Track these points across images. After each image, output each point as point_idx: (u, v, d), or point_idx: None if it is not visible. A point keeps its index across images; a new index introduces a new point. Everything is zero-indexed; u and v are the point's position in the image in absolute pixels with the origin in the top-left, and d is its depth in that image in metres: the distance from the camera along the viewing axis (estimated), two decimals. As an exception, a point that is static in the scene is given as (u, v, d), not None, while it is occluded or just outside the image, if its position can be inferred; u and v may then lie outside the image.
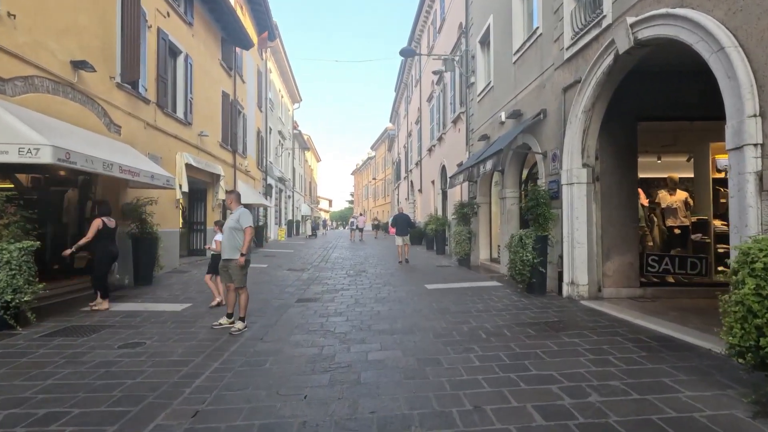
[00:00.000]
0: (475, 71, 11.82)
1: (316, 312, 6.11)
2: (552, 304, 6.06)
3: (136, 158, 7.85)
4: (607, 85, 5.79)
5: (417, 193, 23.78)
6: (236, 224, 5.20)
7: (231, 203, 5.50)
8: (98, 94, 7.57)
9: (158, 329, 5.18)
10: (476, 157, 9.82)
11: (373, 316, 5.72)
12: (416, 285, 8.35)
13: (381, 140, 47.40)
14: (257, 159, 20.40)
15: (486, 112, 10.93)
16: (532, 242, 6.67)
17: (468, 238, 11.32)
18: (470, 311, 5.85)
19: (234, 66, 15.86)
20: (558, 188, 6.87)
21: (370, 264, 12.41)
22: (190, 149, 11.61)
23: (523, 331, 4.75)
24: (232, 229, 5.22)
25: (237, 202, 5.48)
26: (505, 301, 6.40)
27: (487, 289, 7.63)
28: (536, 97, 7.79)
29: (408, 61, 25.51)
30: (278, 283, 8.92)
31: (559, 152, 6.81)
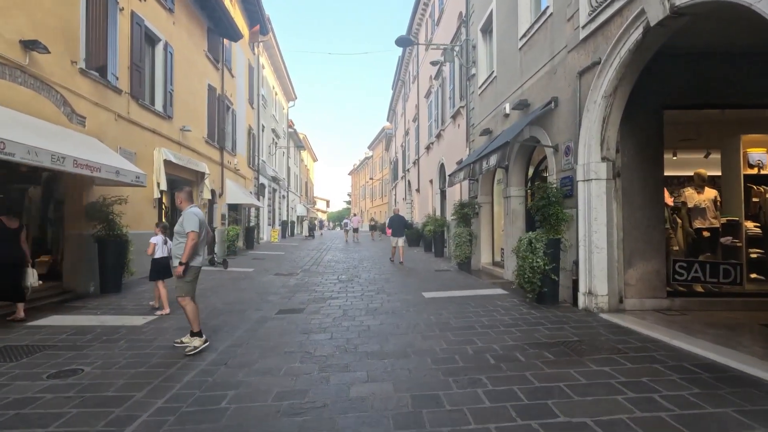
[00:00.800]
0: (476, 62, 11.05)
1: (297, 327, 5.32)
2: (568, 318, 5.27)
3: (101, 152, 7.03)
4: (633, 65, 5.01)
5: (415, 192, 23.01)
6: (180, 227, 4.44)
7: (181, 202, 4.70)
8: (57, 80, 6.76)
9: (106, 351, 4.37)
10: (478, 152, 9.04)
11: (361, 333, 4.93)
12: (412, 293, 7.55)
13: (378, 140, 46.64)
14: (248, 157, 19.58)
15: (488, 104, 10.16)
16: (543, 246, 5.89)
17: (468, 240, 10.53)
18: (474, 327, 5.06)
19: (222, 59, 15.06)
20: (572, 185, 6.09)
21: (363, 268, 11.62)
22: (170, 145, 10.79)
23: (539, 354, 3.96)
24: (178, 233, 4.46)
25: (188, 201, 4.70)
26: (513, 314, 5.62)
27: (491, 298, 6.84)
28: (546, 84, 7.02)
29: (405, 58, 24.75)
30: (261, 291, 8.12)
31: (574, 145, 6.04)
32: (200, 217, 4.50)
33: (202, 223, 4.50)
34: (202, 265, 4.62)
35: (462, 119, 12.81)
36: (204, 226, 4.58)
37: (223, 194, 15.41)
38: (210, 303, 6.92)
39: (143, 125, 9.50)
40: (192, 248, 4.36)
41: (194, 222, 4.40)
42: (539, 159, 8.53)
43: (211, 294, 7.68)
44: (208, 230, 4.79)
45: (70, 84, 7.07)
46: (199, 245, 4.51)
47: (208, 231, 4.76)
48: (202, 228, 4.52)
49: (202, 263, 4.59)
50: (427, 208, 19.02)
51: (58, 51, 6.79)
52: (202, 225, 4.52)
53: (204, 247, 4.65)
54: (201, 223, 4.48)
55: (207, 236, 4.70)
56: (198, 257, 4.52)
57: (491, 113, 9.85)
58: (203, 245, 4.61)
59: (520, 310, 5.85)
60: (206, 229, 4.67)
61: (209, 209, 14.07)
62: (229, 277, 9.87)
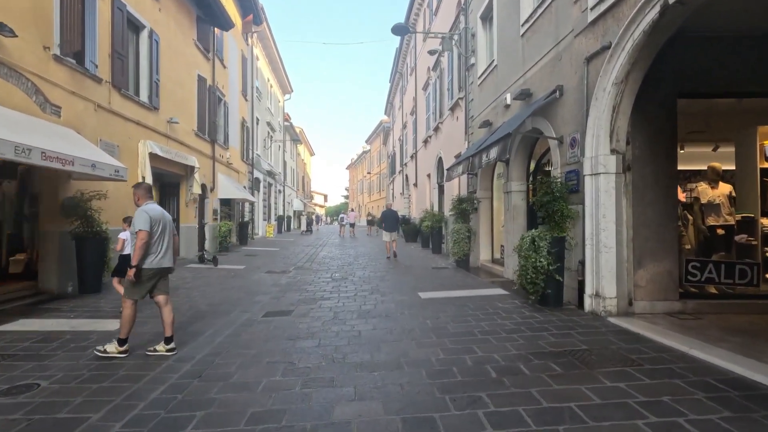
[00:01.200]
0: (476, 51, 10.60)
1: (284, 332, 4.94)
2: (574, 323, 4.91)
3: (76, 145, 6.60)
4: (647, 49, 4.61)
5: (412, 187, 22.61)
6: (133, 227, 4.10)
7: (138, 199, 4.31)
8: (27, 66, 6.30)
9: (70, 362, 3.98)
10: (477, 145, 8.64)
11: (351, 340, 4.55)
12: (408, 293, 7.18)
13: (376, 133, 46.12)
14: (242, 151, 19.11)
15: (488, 95, 9.74)
16: (547, 245, 5.51)
17: (467, 236, 10.17)
18: (473, 332, 4.69)
19: (213, 49, 14.55)
20: (578, 180, 5.71)
21: (358, 265, 11.24)
22: (156, 137, 10.33)
23: (545, 366, 3.59)
24: (132, 233, 4.12)
25: (145, 198, 4.31)
26: (515, 318, 5.25)
27: (491, 299, 6.48)
28: (550, 72, 6.60)
29: (403, 50, 24.24)
30: (250, 290, 7.73)
31: (580, 136, 5.65)
32: (153, 215, 4.12)
33: (155, 221, 4.12)
34: (160, 267, 4.18)
35: (461, 111, 12.39)
36: (160, 224, 4.18)
37: (215, 189, 14.97)
38: (194, 304, 6.54)
39: (126, 116, 9.04)
40: (141, 249, 3.99)
41: (143, 220, 4.02)
42: (541, 152, 8.14)
43: (196, 294, 7.30)
44: (172, 230, 4.38)
45: (42, 71, 6.61)
46: (155, 245, 4.13)
47: (172, 230, 4.35)
48: (157, 226, 4.14)
49: (158, 264, 4.16)
50: (424, 203, 18.64)
51: (29, 35, 6.33)
52: (156, 223, 4.14)
53: (164, 248, 4.22)
54: (154, 221, 4.10)
55: (167, 235, 4.27)
56: (152, 258, 4.11)
57: (491, 104, 9.44)
58: (162, 245, 4.20)
59: (522, 313, 5.48)
60: (168, 228, 4.28)
61: (200, 204, 13.64)
62: (218, 275, 9.49)
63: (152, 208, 4.19)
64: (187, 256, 12.27)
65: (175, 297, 6.97)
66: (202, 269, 10.26)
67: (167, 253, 4.25)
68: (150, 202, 4.29)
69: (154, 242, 4.12)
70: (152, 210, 4.16)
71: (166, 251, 4.23)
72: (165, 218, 4.27)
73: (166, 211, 4.39)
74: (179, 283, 8.28)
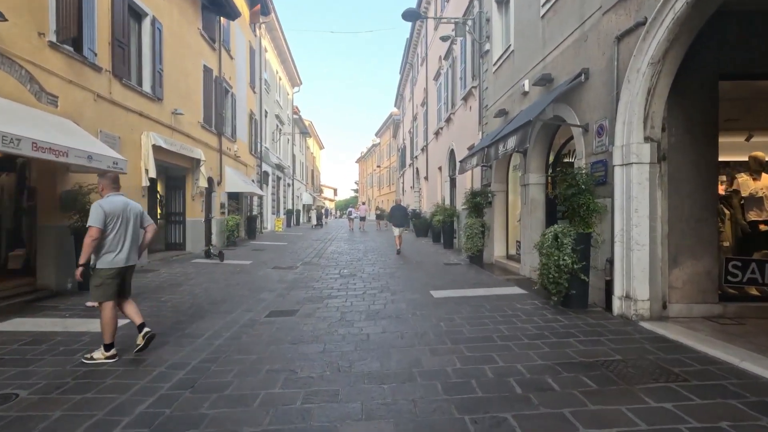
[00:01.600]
0: (491, 37, 10.08)
1: (287, 334, 4.60)
2: (602, 328, 4.48)
3: (72, 135, 6.32)
4: (689, 23, 4.11)
5: (423, 180, 22.15)
6: None
7: (102, 189, 4.00)
8: (20, 53, 6.02)
9: (56, 367, 3.69)
10: (493, 135, 8.18)
11: (359, 345, 4.19)
12: (420, 291, 6.80)
13: (386, 126, 45.61)
14: (250, 144, 18.83)
15: (504, 82, 9.24)
16: (572, 242, 5.07)
17: (481, 231, 9.73)
18: (492, 337, 4.30)
19: (219, 39, 14.22)
20: (606, 171, 5.24)
21: (368, 261, 10.88)
22: (160, 129, 10.06)
23: (577, 381, 3.19)
24: None
25: (109, 188, 3.98)
26: (536, 321, 4.84)
27: (508, 299, 6.06)
28: (574, 54, 6.11)
29: (413, 39, 23.66)
30: (255, 287, 7.43)
31: (608, 123, 5.17)
32: (110, 209, 3.78)
33: (112, 216, 3.78)
34: (120, 266, 3.86)
35: (474, 101, 11.89)
36: (120, 218, 3.84)
37: (222, 182, 14.72)
38: (196, 301, 6.25)
39: (128, 107, 8.76)
40: (89, 247, 3.67)
41: (96, 216, 3.70)
42: (562, 142, 7.66)
43: (199, 290, 7.01)
44: (138, 223, 4.05)
45: (37, 58, 6.32)
46: (113, 242, 3.80)
47: (136, 223, 4.00)
48: (116, 221, 3.80)
49: (117, 263, 3.82)
50: (435, 196, 18.19)
51: (21, 20, 6.03)
52: (114, 218, 3.80)
53: (124, 245, 3.88)
54: (111, 215, 3.77)
55: (130, 231, 3.92)
56: (111, 256, 3.79)
57: (507, 92, 8.95)
58: (122, 243, 3.86)
59: (544, 315, 5.07)
60: (131, 222, 3.95)
61: (207, 198, 13.40)
62: (223, 270, 9.21)
63: (111, 201, 3.87)
64: (194, 250, 12.05)
65: (177, 294, 6.72)
66: (208, 264, 10.01)
67: (128, 250, 3.91)
68: (114, 193, 3.97)
69: (111, 239, 3.79)
70: (110, 203, 3.83)
71: (126, 248, 3.88)
72: (127, 212, 3.92)
73: (134, 203, 4.08)
74: (182, 279, 8.02)
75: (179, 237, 12.09)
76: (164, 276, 8.30)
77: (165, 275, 8.38)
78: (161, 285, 7.41)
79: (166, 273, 8.62)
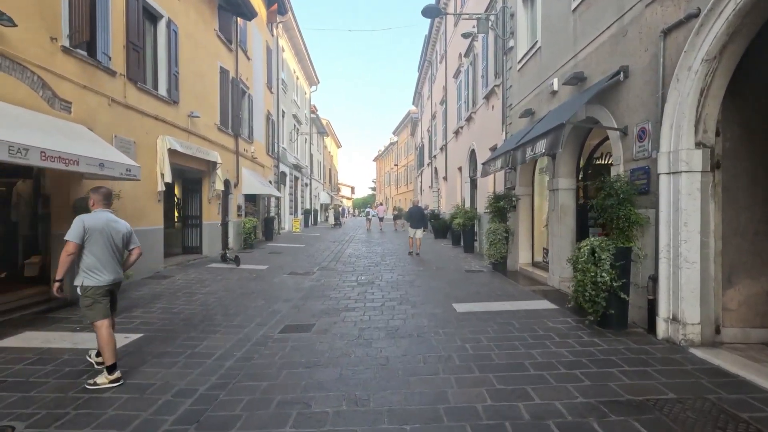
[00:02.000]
0: (515, 33, 9.60)
1: (301, 355, 4.31)
2: (648, 355, 4.04)
3: (84, 142, 6.17)
4: (754, 13, 3.62)
5: (441, 180, 21.68)
6: None
7: (93, 204, 3.88)
8: (32, 59, 5.89)
9: (59, 393, 3.47)
10: (519, 137, 7.73)
11: (378, 371, 3.87)
12: (441, 304, 6.44)
13: (403, 124, 45.15)
14: (267, 144, 18.71)
15: (530, 81, 8.76)
16: (610, 257, 4.63)
17: (504, 237, 9.28)
18: (524, 365, 3.91)
19: (236, 39, 14.08)
20: (648, 179, 4.77)
21: (386, 266, 10.56)
22: (176, 132, 9.94)
23: (628, 427, 2.79)
24: None
25: (100, 204, 3.87)
26: (572, 344, 4.42)
27: (538, 315, 5.64)
28: (610, 51, 5.63)
29: (432, 36, 23.18)
30: (270, 296, 7.19)
31: (652, 126, 4.70)
32: (90, 224, 3.63)
33: (92, 231, 3.62)
34: (109, 283, 3.74)
35: (497, 100, 11.40)
36: (99, 234, 3.66)
37: (239, 184, 14.61)
38: (209, 313, 6.04)
39: (144, 111, 8.63)
40: (67, 262, 3.54)
41: (75, 230, 3.56)
42: (594, 144, 7.17)
43: (213, 300, 6.81)
44: (122, 243, 3.88)
45: (50, 64, 6.19)
46: (99, 259, 3.65)
47: (113, 243, 3.79)
48: (96, 237, 3.64)
49: (106, 281, 3.70)
50: (455, 197, 17.73)
51: (33, 25, 5.90)
52: (94, 233, 3.63)
53: (111, 261, 3.75)
54: (89, 231, 3.60)
55: (112, 249, 3.76)
56: (98, 273, 3.66)
57: (533, 91, 8.47)
58: (110, 259, 3.73)
59: (580, 337, 4.64)
60: (111, 239, 3.76)
61: (223, 201, 13.29)
62: (238, 276, 9.03)
63: (94, 216, 3.74)
64: (210, 254, 11.95)
65: (191, 304, 6.53)
66: (224, 270, 9.86)
67: (115, 267, 3.80)
68: (103, 210, 3.84)
69: (97, 255, 3.65)
70: (92, 218, 3.70)
71: (111, 264, 3.76)
72: (109, 229, 3.74)
73: (122, 222, 3.94)
74: (197, 286, 7.85)
75: (196, 240, 12.00)
76: (179, 283, 8.15)
77: (180, 282, 8.24)
78: (175, 293, 7.24)
79: (181, 279, 8.47)
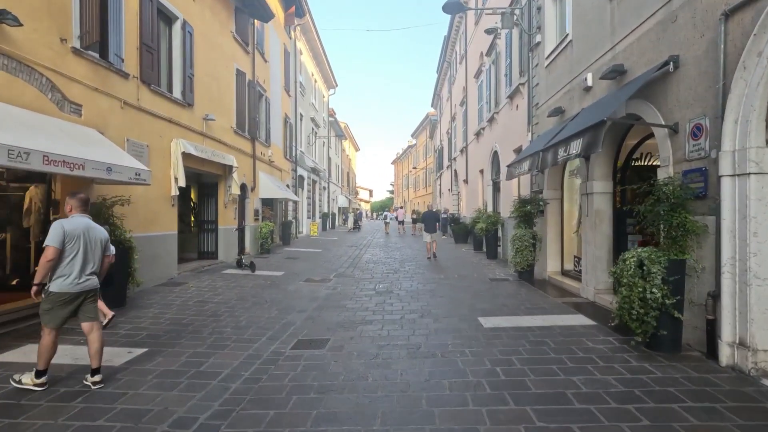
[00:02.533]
0: (542, 27, 9.05)
1: (314, 378, 3.90)
2: (713, 386, 3.48)
3: (92, 146, 5.96)
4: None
5: (462, 183, 21.11)
6: None
7: (70, 210, 3.78)
8: (40, 60, 5.70)
9: (47, 420, 3.16)
10: (548, 137, 7.19)
11: (398, 401, 3.42)
12: (466, 317, 5.96)
13: (422, 127, 44.68)
14: (285, 148, 18.54)
15: (559, 78, 8.20)
16: (662, 270, 4.08)
17: (532, 244, 8.72)
18: (566, 396, 3.41)
19: (253, 41, 13.92)
20: (706, 182, 4.21)
21: (404, 273, 10.11)
22: (191, 136, 9.75)
23: (706, 486, 2.27)
24: None
25: (78, 209, 3.78)
26: (619, 370, 3.88)
27: (575, 333, 5.10)
28: (656, 39, 5.07)
29: (451, 37, 22.69)
30: (284, 306, 6.84)
31: (710, 122, 4.14)
32: (69, 229, 3.56)
33: (71, 237, 3.56)
34: (75, 291, 3.63)
35: (521, 99, 10.85)
36: (78, 241, 3.60)
37: (256, 188, 14.41)
38: (219, 326, 5.71)
39: (157, 114, 8.45)
40: (46, 267, 3.47)
41: (54, 235, 3.49)
42: (633, 144, 6.59)
43: (224, 311, 6.49)
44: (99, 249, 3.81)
45: (59, 66, 6.01)
46: (67, 265, 3.55)
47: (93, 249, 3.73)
48: (73, 243, 3.56)
49: (70, 288, 3.59)
50: (476, 201, 17.14)
51: (42, 26, 5.72)
52: (73, 239, 3.56)
53: (77, 268, 3.60)
54: (68, 236, 3.54)
55: (90, 255, 3.69)
56: (64, 280, 3.56)
57: (564, 88, 7.91)
58: (75, 266, 3.60)
59: (627, 362, 4.09)
60: (90, 246, 3.69)
61: (240, 205, 13.10)
62: (253, 284, 8.73)
63: (75, 222, 3.67)
64: (226, 259, 11.74)
65: (201, 315, 6.22)
66: (238, 276, 9.59)
67: (87, 274, 3.70)
68: (80, 215, 3.76)
69: (68, 261, 3.56)
70: (71, 223, 3.63)
71: (84, 272, 3.66)
72: (88, 235, 3.69)
73: (99, 228, 3.89)
74: (210, 295, 7.57)
75: (211, 245, 11.81)
76: (192, 291, 7.89)
77: (193, 290, 7.97)
78: (186, 302, 6.96)
79: (194, 287, 8.22)
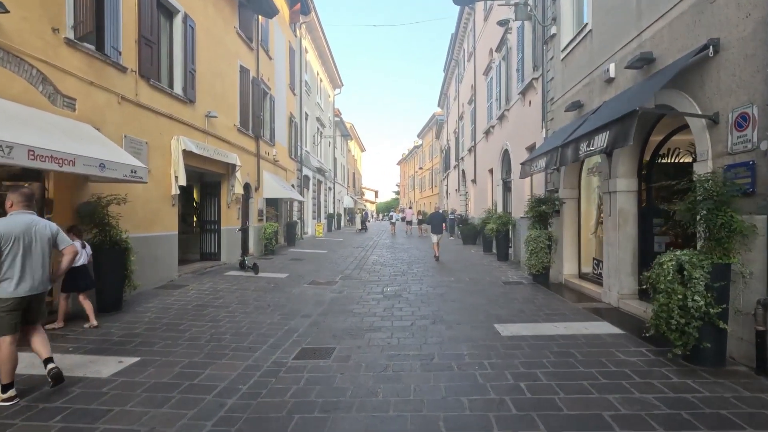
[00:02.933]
0: (558, 18, 8.63)
1: (318, 394, 3.53)
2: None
3: (85, 141, 5.64)
4: None
5: (470, 183, 20.67)
6: None
7: (11, 205, 3.48)
8: (30, 50, 5.39)
9: (18, 443, 2.82)
10: (567, 132, 6.77)
11: (413, 423, 3.03)
12: (481, 324, 5.56)
13: (428, 127, 44.27)
14: (289, 147, 18.23)
15: (577, 70, 7.78)
16: (705, 276, 3.66)
17: (547, 246, 8.30)
18: (604, 419, 3.00)
19: (257, 38, 13.61)
20: (753, 177, 3.78)
21: (413, 276, 9.72)
22: (192, 133, 9.44)
23: None
24: None
25: (20, 205, 3.49)
26: (660, 388, 3.47)
27: (603, 343, 4.68)
28: (691, 23, 4.65)
29: (459, 34, 22.28)
30: (288, 311, 6.48)
31: (756, 111, 3.72)
32: (8, 229, 3.31)
33: (8, 238, 3.30)
34: (22, 296, 3.37)
35: (535, 94, 10.43)
36: (19, 241, 3.35)
37: (260, 188, 14.09)
38: (217, 332, 5.36)
39: (157, 110, 8.14)
40: None
41: (8, 233, 3.30)
42: (660, 139, 6.15)
43: (224, 315, 6.14)
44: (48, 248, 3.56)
45: (51, 57, 5.70)
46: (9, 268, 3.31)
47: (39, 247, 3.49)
48: (12, 244, 3.31)
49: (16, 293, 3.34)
50: (485, 201, 16.71)
51: (32, 14, 5.42)
52: (11, 240, 3.31)
53: (19, 271, 3.35)
54: (4, 237, 3.28)
55: (32, 255, 3.43)
56: (9, 284, 3.31)
57: (582, 80, 7.48)
58: (16, 268, 3.34)
59: (667, 377, 3.68)
60: (32, 245, 3.43)
61: (243, 205, 12.78)
62: (255, 286, 8.39)
63: (11, 220, 3.40)
64: (229, 261, 11.41)
65: (200, 321, 5.87)
66: (241, 278, 9.25)
67: (33, 277, 3.43)
68: (22, 212, 3.49)
69: (9, 264, 3.31)
70: (9, 223, 3.37)
71: (28, 274, 3.39)
72: (31, 233, 3.44)
73: (45, 222, 3.62)
74: (210, 298, 7.23)
75: (214, 246, 11.49)
76: (191, 294, 7.55)
77: (193, 293, 7.64)
78: (185, 307, 6.62)
79: (194, 290, 7.88)
